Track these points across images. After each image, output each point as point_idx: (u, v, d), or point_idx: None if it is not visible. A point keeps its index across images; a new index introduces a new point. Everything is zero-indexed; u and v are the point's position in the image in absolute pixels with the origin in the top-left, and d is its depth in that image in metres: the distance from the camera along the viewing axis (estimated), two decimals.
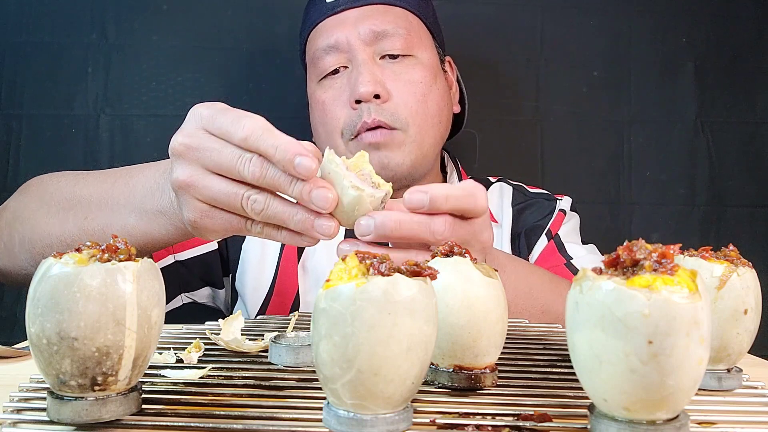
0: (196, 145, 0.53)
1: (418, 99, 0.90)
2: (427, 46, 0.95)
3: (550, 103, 1.22)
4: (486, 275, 0.45)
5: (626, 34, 1.23)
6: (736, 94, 1.23)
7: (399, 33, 0.91)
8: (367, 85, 0.86)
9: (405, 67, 0.91)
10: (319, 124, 0.94)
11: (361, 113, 0.87)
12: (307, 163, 0.49)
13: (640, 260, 0.35)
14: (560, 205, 1.00)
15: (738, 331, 0.45)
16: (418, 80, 0.91)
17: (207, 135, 0.54)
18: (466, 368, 0.45)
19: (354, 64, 0.90)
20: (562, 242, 0.96)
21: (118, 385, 0.39)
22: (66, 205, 0.72)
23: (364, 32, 0.90)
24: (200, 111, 0.55)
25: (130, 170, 0.71)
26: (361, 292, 0.34)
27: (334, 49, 0.91)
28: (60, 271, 0.38)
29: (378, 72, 0.89)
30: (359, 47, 0.90)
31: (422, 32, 0.95)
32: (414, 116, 0.89)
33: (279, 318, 0.69)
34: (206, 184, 0.53)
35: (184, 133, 0.55)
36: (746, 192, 1.23)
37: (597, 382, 0.35)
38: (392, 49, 0.90)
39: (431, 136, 0.92)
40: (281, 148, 0.50)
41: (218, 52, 1.19)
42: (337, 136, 0.90)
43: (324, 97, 0.92)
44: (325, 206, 0.50)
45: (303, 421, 0.39)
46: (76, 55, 1.16)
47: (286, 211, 0.52)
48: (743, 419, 0.41)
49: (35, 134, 1.16)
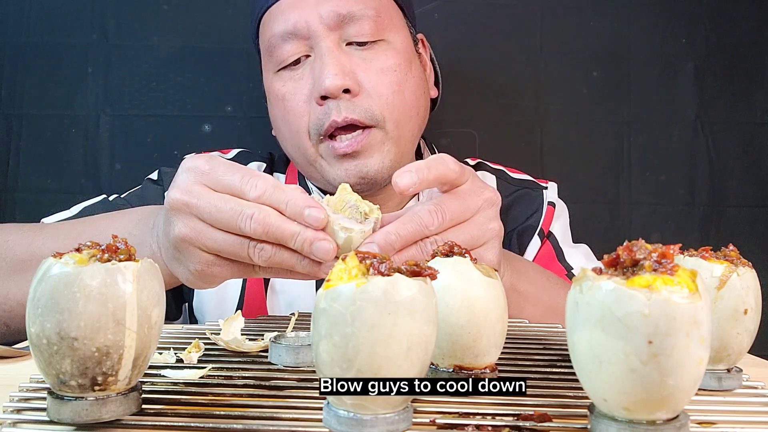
0: (194, 202, 0.53)
1: (394, 90, 0.79)
2: (399, 27, 0.84)
3: (550, 103, 1.22)
4: (486, 275, 0.45)
5: (626, 34, 1.23)
6: (736, 94, 1.23)
7: (367, 15, 0.79)
8: (334, 78, 0.76)
9: (376, 53, 0.80)
10: (281, 122, 0.84)
11: (328, 110, 0.77)
12: (316, 214, 0.51)
13: (640, 260, 0.35)
14: (548, 197, 0.96)
15: (738, 331, 0.45)
16: (392, 68, 0.80)
17: (205, 190, 0.53)
18: (466, 368, 0.45)
19: (317, 52, 0.79)
20: (560, 246, 0.93)
21: (118, 385, 0.39)
22: (22, 267, 0.68)
23: (326, 15, 0.78)
24: (198, 164, 0.54)
25: (93, 222, 0.68)
26: (361, 292, 0.34)
27: (292, 35, 0.79)
28: (60, 270, 0.38)
29: (346, 61, 0.78)
30: (322, 33, 0.78)
31: (393, 10, 0.84)
32: (390, 109, 0.79)
33: (279, 318, 0.69)
34: (210, 236, 0.53)
35: (181, 188, 0.54)
36: (746, 192, 1.23)
37: (597, 382, 0.35)
38: (360, 35, 0.79)
39: (409, 130, 0.83)
40: (292, 203, 0.51)
41: (218, 52, 1.18)
42: (304, 137, 0.81)
43: (284, 91, 0.81)
44: (327, 258, 0.51)
45: (303, 421, 0.39)
46: (76, 55, 1.16)
47: (294, 257, 0.53)
48: (743, 419, 0.41)
49: (35, 134, 1.16)
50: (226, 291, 0.87)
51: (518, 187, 0.97)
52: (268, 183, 0.52)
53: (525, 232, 0.93)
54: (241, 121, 1.19)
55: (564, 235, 0.95)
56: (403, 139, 0.82)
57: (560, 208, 0.97)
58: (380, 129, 0.79)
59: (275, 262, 0.53)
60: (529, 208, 0.95)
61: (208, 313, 0.89)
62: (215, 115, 1.18)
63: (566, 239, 0.95)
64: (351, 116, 0.77)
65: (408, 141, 0.84)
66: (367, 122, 0.78)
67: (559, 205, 0.96)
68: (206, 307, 0.89)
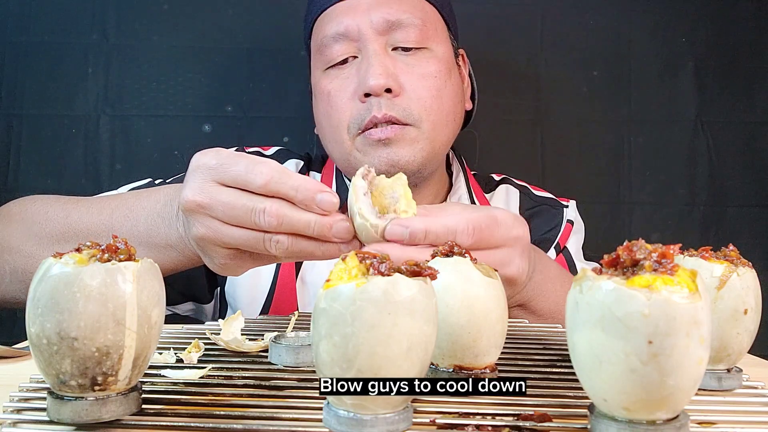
0: (207, 202, 0.54)
1: (433, 94, 0.85)
2: (443, 38, 0.90)
3: (550, 103, 1.22)
4: (486, 275, 0.45)
5: (626, 34, 1.23)
6: (736, 94, 1.23)
7: (414, 23, 0.85)
8: (378, 78, 0.81)
9: (419, 59, 0.85)
10: (323, 116, 0.89)
11: (370, 107, 0.82)
12: (328, 198, 0.51)
13: (640, 260, 0.35)
14: (567, 215, 0.98)
15: (738, 331, 0.45)
16: (433, 74, 0.85)
17: (217, 188, 0.54)
18: (466, 368, 0.45)
19: (364, 54, 0.84)
20: (573, 260, 0.94)
21: (118, 385, 0.39)
22: (60, 238, 0.70)
23: (376, 20, 0.84)
24: (205, 161, 0.55)
25: (124, 200, 0.70)
26: (361, 292, 0.34)
27: (343, 37, 0.85)
28: (60, 271, 0.38)
29: (390, 64, 0.84)
30: (371, 36, 0.84)
31: (438, 23, 0.90)
32: (428, 112, 0.84)
33: (279, 318, 0.69)
34: (227, 233, 0.54)
35: (193, 189, 0.55)
36: (746, 192, 1.23)
37: (597, 382, 0.35)
38: (406, 41, 0.85)
39: (444, 134, 0.87)
40: (302, 188, 0.52)
41: (218, 52, 1.19)
42: (343, 131, 0.85)
43: (330, 88, 0.86)
44: (347, 237, 0.52)
45: (303, 421, 0.39)
46: (76, 55, 1.16)
47: (311, 244, 0.53)
48: (743, 419, 0.41)
49: (35, 134, 1.16)
50: (259, 278, 0.90)
51: (540, 203, 1.00)
52: (272, 169, 0.53)
53: (542, 243, 0.94)
54: (241, 121, 1.19)
55: (577, 252, 0.97)
56: (437, 141, 0.86)
57: (578, 226, 0.99)
58: (416, 128, 0.84)
59: (294, 251, 0.54)
60: (548, 223, 0.98)
61: (240, 298, 0.91)
62: (215, 115, 1.18)
63: (579, 255, 0.96)
64: (390, 113, 0.82)
65: (441, 144, 0.88)
66: (405, 120, 0.83)
67: (577, 223, 0.99)
68: (239, 292, 0.91)
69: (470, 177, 1.01)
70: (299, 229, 0.52)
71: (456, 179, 1.00)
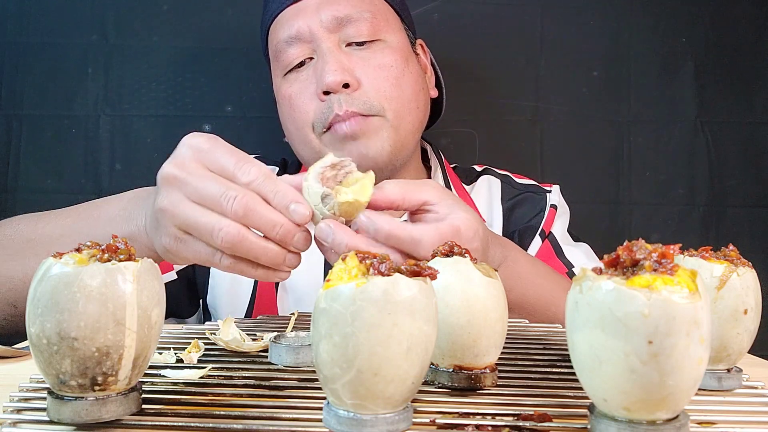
0: (183, 176, 0.53)
1: (392, 83, 0.85)
2: (395, 29, 0.90)
3: (550, 103, 1.22)
4: (486, 275, 0.45)
5: (626, 34, 1.23)
6: (736, 94, 1.23)
7: (364, 17, 0.85)
8: (334, 74, 0.81)
9: (373, 52, 0.86)
10: (288, 120, 0.89)
11: (331, 105, 0.82)
12: (302, 210, 0.51)
13: (640, 260, 0.35)
14: (550, 200, 0.98)
15: (738, 331, 0.45)
16: (389, 64, 0.85)
17: (199, 167, 0.53)
18: (466, 368, 0.45)
19: (319, 53, 0.85)
20: (559, 244, 0.94)
21: (118, 385, 0.39)
22: (26, 246, 0.70)
23: (326, 19, 0.84)
24: (197, 142, 0.55)
25: (93, 204, 0.70)
26: (361, 292, 0.34)
27: (296, 39, 0.86)
28: (60, 271, 0.38)
29: (345, 59, 0.84)
30: (323, 35, 0.84)
31: (389, 14, 0.90)
32: (389, 101, 0.84)
33: (279, 318, 0.69)
34: (186, 210, 0.53)
35: (176, 162, 0.54)
36: (746, 192, 1.23)
37: (597, 382, 0.35)
38: (358, 35, 0.85)
39: (409, 121, 0.87)
40: (280, 194, 0.52)
41: (218, 52, 1.18)
42: (308, 131, 0.86)
43: (290, 92, 0.87)
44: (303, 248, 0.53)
45: (303, 421, 0.39)
46: (76, 55, 1.16)
47: (259, 245, 0.52)
48: (743, 419, 0.41)
49: (35, 134, 1.16)
50: (239, 288, 0.90)
51: (522, 191, 1.00)
52: (261, 171, 0.53)
53: (527, 231, 0.95)
54: (241, 121, 1.19)
55: (563, 235, 0.96)
56: (402, 129, 0.86)
57: (562, 209, 0.99)
58: (380, 117, 0.84)
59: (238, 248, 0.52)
60: (531, 210, 0.98)
61: (221, 309, 0.91)
62: (215, 115, 1.18)
63: (565, 238, 0.96)
64: (352, 109, 0.82)
65: (408, 132, 0.88)
66: (368, 112, 0.83)
67: (560, 207, 0.99)
68: (219, 303, 0.91)
69: (449, 170, 1.01)
70: (262, 225, 0.51)
71: (434, 175, 1.00)
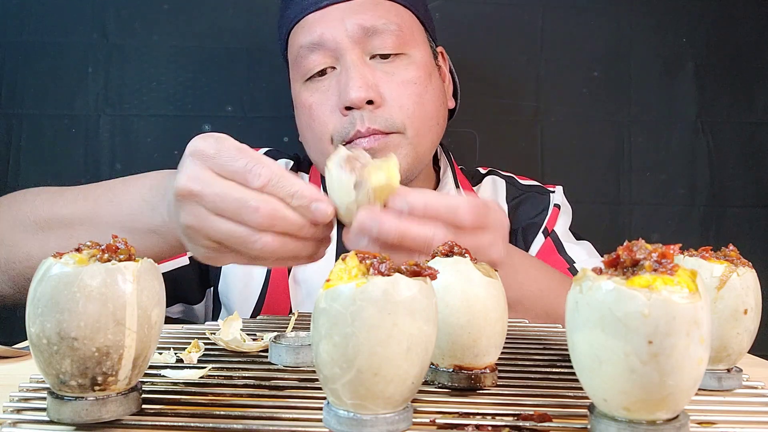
0: (200, 191, 0.52)
1: (414, 101, 0.84)
2: (420, 42, 0.88)
3: (550, 103, 1.22)
4: (486, 275, 0.45)
5: (626, 34, 1.23)
6: (736, 94, 1.23)
7: (390, 29, 0.84)
8: (359, 91, 0.80)
9: (397, 67, 0.85)
10: (306, 128, 0.88)
11: (353, 121, 0.81)
12: (324, 208, 0.51)
13: (640, 260, 0.35)
14: (554, 200, 0.99)
15: (738, 331, 0.45)
16: (413, 80, 0.85)
17: (212, 177, 0.52)
18: (466, 368, 0.45)
19: (342, 65, 0.83)
20: (560, 241, 0.95)
21: (118, 385, 0.39)
22: (45, 225, 0.70)
23: (351, 28, 0.83)
24: (204, 147, 0.53)
25: (110, 186, 0.69)
26: (361, 292, 0.34)
27: (318, 46, 0.84)
28: (60, 271, 0.38)
29: (369, 74, 0.82)
30: (347, 46, 0.83)
31: (415, 27, 0.88)
32: (411, 119, 0.84)
33: (279, 318, 0.69)
34: (214, 226, 0.53)
35: (188, 175, 0.53)
36: (746, 192, 1.23)
37: (597, 382, 0.35)
38: (383, 48, 0.84)
39: (429, 139, 0.87)
40: (299, 195, 0.51)
41: (218, 52, 1.18)
42: (326, 143, 0.85)
43: (311, 101, 0.86)
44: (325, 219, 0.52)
45: (303, 421, 0.39)
46: (76, 55, 1.16)
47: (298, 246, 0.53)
48: (743, 419, 0.41)
49: (35, 134, 1.16)
50: (252, 277, 0.89)
51: (526, 191, 1.01)
52: (272, 172, 0.52)
53: (530, 228, 0.96)
54: (242, 121, 1.19)
55: (565, 233, 0.97)
56: (421, 146, 0.86)
57: (564, 208, 1.00)
58: (400, 134, 0.84)
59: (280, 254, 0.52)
60: (535, 208, 0.98)
61: (233, 297, 0.90)
62: (215, 115, 1.18)
63: (567, 237, 0.97)
64: (374, 126, 0.81)
65: (426, 149, 0.88)
66: (389, 130, 0.83)
67: (563, 206, 1.00)
68: (232, 292, 0.90)
69: (458, 171, 1.01)
70: (289, 230, 0.51)
71: (444, 174, 1.00)
